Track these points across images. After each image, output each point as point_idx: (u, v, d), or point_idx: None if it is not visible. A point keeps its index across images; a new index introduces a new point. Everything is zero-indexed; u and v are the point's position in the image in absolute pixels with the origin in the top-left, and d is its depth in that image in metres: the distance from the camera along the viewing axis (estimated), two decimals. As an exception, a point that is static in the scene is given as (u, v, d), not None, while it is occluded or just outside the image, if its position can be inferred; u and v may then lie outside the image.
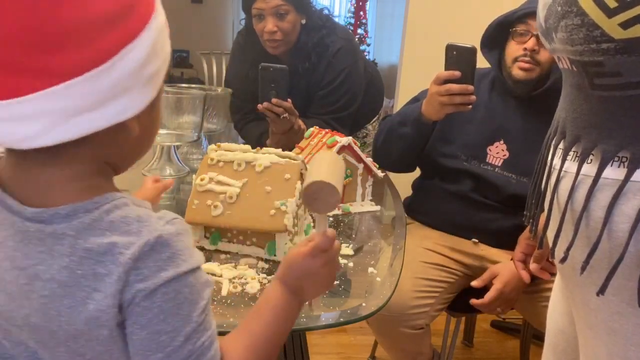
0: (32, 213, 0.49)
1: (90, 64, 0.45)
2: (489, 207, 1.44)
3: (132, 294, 0.48)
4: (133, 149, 0.56)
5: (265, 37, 1.62)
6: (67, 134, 0.47)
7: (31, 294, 0.49)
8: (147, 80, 0.50)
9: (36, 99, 0.44)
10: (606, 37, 0.56)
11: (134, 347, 0.50)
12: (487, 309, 1.36)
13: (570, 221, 0.67)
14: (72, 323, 0.49)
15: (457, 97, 1.28)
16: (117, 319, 0.49)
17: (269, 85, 1.45)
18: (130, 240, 0.48)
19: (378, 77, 2.02)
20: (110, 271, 0.48)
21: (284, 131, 1.53)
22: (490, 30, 1.43)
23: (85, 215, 0.49)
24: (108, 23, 0.46)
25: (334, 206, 0.61)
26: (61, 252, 0.48)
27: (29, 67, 0.44)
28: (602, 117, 0.61)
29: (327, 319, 0.82)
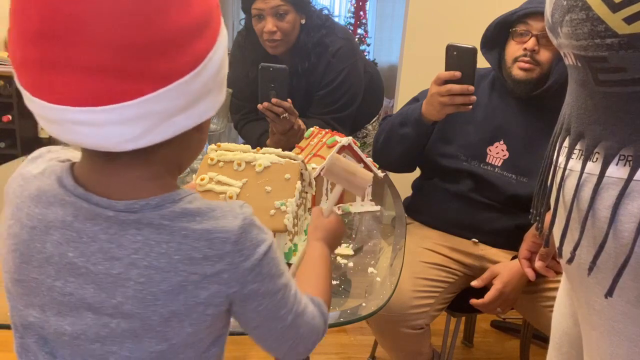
0: (124, 205, 0.52)
1: (187, 68, 0.49)
2: (489, 207, 1.44)
3: (241, 273, 0.54)
4: (196, 149, 0.60)
5: (264, 37, 1.62)
6: (162, 135, 0.51)
7: (127, 282, 0.52)
8: (221, 82, 0.55)
9: (142, 103, 0.47)
10: (610, 32, 0.56)
11: (261, 315, 0.58)
12: (487, 309, 1.36)
13: (576, 220, 0.66)
14: (168, 305, 0.53)
15: (457, 97, 1.28)
16: (216, 299, 0.55)
17: (268, 85, 1.45)
18: (222, 225, 0.54)
19: (378, 77, 2.02)
20: (207, 255, 0.53)
21: (283, 131, 1.53)
22: (490, 30, 1.43)
23: (173, 205, 0.53)
24: (199, 29, 0.50)
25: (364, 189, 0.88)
26: (158, 240, 0.52)
27: (137, 72, 0.47)
28: (605, 114, 0.61)
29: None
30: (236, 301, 0.57)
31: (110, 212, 0.52)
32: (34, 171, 0.57)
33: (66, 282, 0.54)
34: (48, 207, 0.54)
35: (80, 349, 0.55)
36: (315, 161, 1.30)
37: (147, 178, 0.54)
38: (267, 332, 0.60)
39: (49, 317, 0.56)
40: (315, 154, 1.33)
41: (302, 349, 0.65)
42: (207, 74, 0.52)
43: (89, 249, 0.53)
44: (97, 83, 0.46)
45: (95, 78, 0.46)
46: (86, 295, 0.54)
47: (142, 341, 0.55)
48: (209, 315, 0.56)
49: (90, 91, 0.46)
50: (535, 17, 1.33)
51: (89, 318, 0.54)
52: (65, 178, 0.54)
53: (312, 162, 1.30)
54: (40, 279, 0.55)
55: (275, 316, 0.59)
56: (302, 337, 0.63)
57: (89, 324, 0.54)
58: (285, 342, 0.62)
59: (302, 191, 1.05)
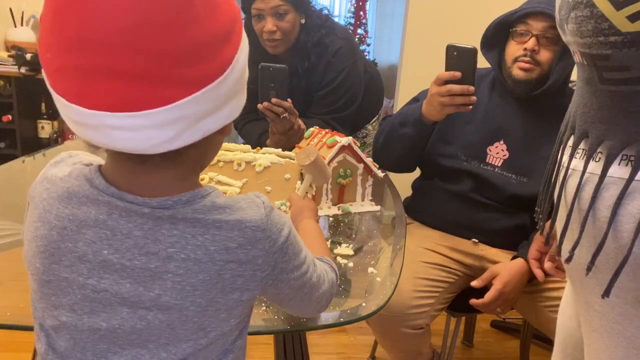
0: (157, 202, 0.55)
1: (217, 73, 0.52)
2: (489, 207, 1.44)
3: (272, 256, 0.60)
4: (218, 149, 0.65)
5: (264, 37, 1.62)
6: (192, 138, 0.54)
7: (165, 274, 0.55)
8: (243, 86, 0.59)
9: (175, 108, 0.50)
10: (614, 29, 0.55)
11: (293, 289, 0.65)
12: (487, 309, 1.36)
13: (577, 220, 0.66)
14: (206, 295, 0.56)
15: (458, 97, 1.28)
16: (251, 283, 0.59)
17: (268, 85, 1.45)
18: (250, 215, 0.58)
19: (378, 77, 2.01)
20: (241, 244, 0.57)
21: (284, 131, 1.53)
22: (490, 30, 1.43)
23: (203, 200, 0.57)
24: (225, 38, 0.53)
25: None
26: (193, 233, 0.55)
27: (172, 79, 0.49)
28: (609, 113, 0.60)
29: (327, 319, 0.82)
30: (269, 282, 0.61)
31: (145, 209, 0.55)
32: (59, 174, 0.59)
33: (100, 279, 0.56)
34: (79, 207, 0.56)
35: (117, 343, 0.57)
36: (315, 161, 1.30)
37: (175, 178, 0.57)
38: (300, 300, 0.67)
39: (81, 315, 0.57)
40: (315, 154, 1.33)
41: (326, 301, 0.73)
42: (233, 78, 0.55)
43: (124, 246, 0.55)
44: (134, 89, 0.48)
45: (133, 85, 0.48)
46: (122, 291, 0.56)
47: (178, 332, 0.57)
48: (243, 301, 0.59)
49: (128, 97, 0.48)
50: (535, 17, 1.33)
51: (125, 312, 0.56)
52: (96, 179, 0.57)
53: (312, 162, 1.29)
54: (71, 277, 0.56)
55: (304, 284, 0.66)
56: (325, 292, 0.71)
57: (125, 318, 0.56)
58: (313, 302, 0.70)
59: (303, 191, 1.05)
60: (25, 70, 2.69)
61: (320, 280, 0.70)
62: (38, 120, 2.93)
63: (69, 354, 0.59)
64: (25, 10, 2.90)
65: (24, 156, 1.55)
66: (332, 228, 1.21)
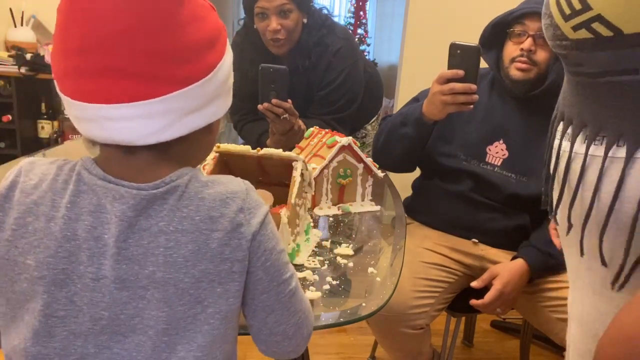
0: (150, 186, 0.59)
1: (203, 74, 0.60)
2: (489, 207, 1.44)
3: (254, 227, 0.61)
4: (206, 150, 0.69)
5: (268, 36, 1.61)
6: (180, 131, 0.60)
7: (156, 249, 0.58)
8: (228, 90, 0.66)
9: (165, 100, 0.57)
10: (564, 36, 0.69)
11: (269, 274, 0.63)
12: (486, 309, 1.36)
13: (568, 193, 0.77)
14: (197, 265, 0.58)
15: (460, 96, 1.27)
16: (239, 252, 0.60)
17: (269, 86, 1.45)
18: (231, 188, 0.62)
19: (377, 77, 2.01)
20: (223, 213, 0.60)
21: (284, 132, 1.53)
22: (488, 30, 1.43)
23: (187, 176, 0.61)
24: (211, 43, 0.61)
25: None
26: (179, 206, 0.59)
27: (163, 75, 0.57)
28: (578, 99, 0.74)
29: (327, 319, 0.82)
30: (255, 258, 0.62)
31: (141, 191, 0.58)
32: (46, 171, 0.61)
33: (100, 266, 0.57)
34: (78, 195, 0.59)
35: (120, 331, 0.58)
36: (315, 161, 1.30)
37: (164, 168, 0.61)
38: (275, 297, 0.65)
39: (82, 307, 0.57)
40: (315, 154, 1.33)
41: (306, 331, 0.70)
42: (217, 81, 0.62)
43: (119, 227, 0.57)
44: (128, 84, 0.55)
45: (127, 80, 0.55)
46: (120, 273, 0.57)
47: (176, 309, 0.58)
48: (235, 273, 0.61)
49: (122, 91, 0.56)
50: (531, 18, 1.33)
51: (125, 296, 0.58)
52: (93, 169, 0.60)
53: (312, 162, 1.30)
54: (70, 268, 0.57)
55: (282, 277, 0.65)
56: (305, 312, 0.69)
57: (126, 302, 0.58)
58: (292, 315, 0.67)
59: (302, 191, 1.05)
60: (25, 70, 2.68)
61: (302, 295, 0.69)
62: (38, 120, 2.92)
63: (67, 350, 0.58)
64: (25, 10, 2.89)
65: (24, 156, 1.55)
66: (332, 228, 1.21)
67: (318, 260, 1.00)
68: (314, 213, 1.26)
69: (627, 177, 0.66)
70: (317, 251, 1.05)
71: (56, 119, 2.93)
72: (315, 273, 0.95)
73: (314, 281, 0.92)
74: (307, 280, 0.92)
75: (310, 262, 1.00)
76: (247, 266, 0.62)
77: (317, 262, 1.00)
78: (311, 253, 1.04)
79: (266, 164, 1.09)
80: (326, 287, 0.91)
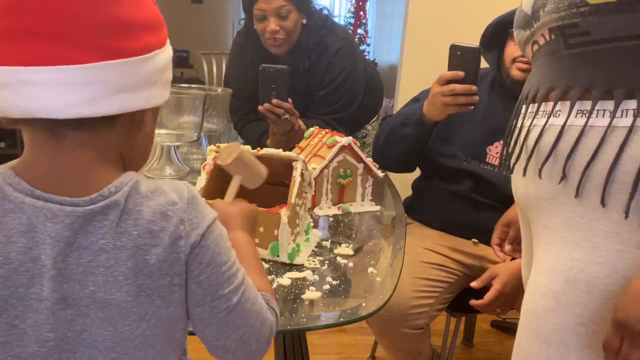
0: (88, 200, 0.55)
1: (137, 52, 0.56)
2: (489, 207, 1.44)
3: (193, 239, 0.58)
4: (140, 147, 0.64)
5: (267, 37, 1.62)
6: (107, 108, 0.55)
7: (96, 269, 0.55)
8: (165, 82, 0.62)
9: (88, 69, 0.52)
10: (583, 2, 0.74)
11: (203, 287, 0.59)
12: (486, 309, 1.36)
13: (534, 162, 0.82)
14: (136, 280, 0.55)
15: (460, 97, 1.28)
16: (177, 267, 0.57)
17: (269, 86, 1.45)
18: (172, 199, 0.57)
19: (377, 77, 2.02)
20: (164, 227, 0.56)
21: (284, 132, 1.53)
22: (489, 30, 1.43)
23: (127, 186, 0.57)
24: (150, 27, 0.58)
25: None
26: (117, 221, 0.55)
27: (89, 42, 0.53)
28: (571, 69, 0.78)
29: (327, 319, 0.83)
30: (188, 271, 0.58)
31: (75, 208, 0.54)
32: None
33: (42, 287, 0.54)
34: (5, 215, 0.54)
35: (69, 347, 0.56)
36: (315, 161, 1.30)
37: (97, 161, 0.57)
38: (210, 312, 0.60)
39: (25, 329, 0.55)
40: (315, 154, 1.33)
41: (254, 345, 0.63)
42: (153, 66, 0.58)
43: (55, 249, 0.53)
44: (52, 47, 0.51)
45: (51, 43, 0.51)
46: (62, 294, 0.54)
47: (122, 330, 0.56)
48: (175, 285, 0.58)
49: (44, 54, 0.51)
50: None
51: (69, 313, 0.55)
52: (17, 183, 0.54)
53: (312, 162, 1.30)
54: (7, 293, 0.54)
55: (218, 292, 0.60)
56: (253, 328, 0.62)
57: (71, 319, 0.55)
58: (233, 331, 0.61)
59: (302, 191, 1.05)
60: (25, 70, 2.68)
61: (249, 309, 0.62)
62: (38, 120, 2.92)
63: None
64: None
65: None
66: (332, 228, 1.21)
67: (318, 260, 1.00)
68: (314, 213, 1.26)
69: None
70: (317, 251, 1.05)
71: (56, 118, 2.92)
72: (315, 273, 0.95)
73: (314, 281, 0.92)
74: (307, 281, 0.92)
75: (310, 262, 1.00)
76: (189, 278, 0.59)
77: (317, 262, 1.00)
78: (311, 253, 1.04)
79: (266, 163, 1.09)
80: (326, 287, 0.91)
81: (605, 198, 0.72)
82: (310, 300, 0.86)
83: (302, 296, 0.87)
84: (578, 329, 0.75)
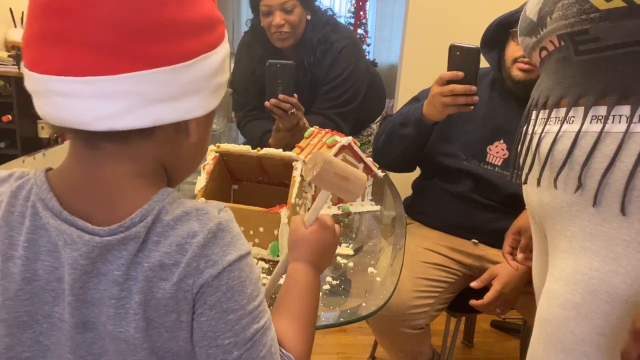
0: (105, 231, 0.51)
1: (176, 59, 0.51)
2: (489, 207, 1.44)
3: (204, 279, 0.52)
4: (186, 157, 0.59)
5: (273, 31, 1.69)
6: (141, 120, 0.51)
7: (108, 300, 0.52)
8: (214, 89, 0.56)
9: (122, 80, 0.49)
10: (593, 9, 0.72)
11: (202, 330, 0.53)
12: (486, 309, 1.36)
13: (549, 170, 0.79)
14: (144, 314, 0.51)
15: (460, 97, 1.28)
16: (184, 305, 0.52)
17: (276, 82, 1.49)
18: (194, 229, 0.52)
19: (379, 77, 2.10)
20: (177, 261, 0.51)
21: (290, 127, 1.58)
22: (490, 30, 1.43)
23: (152, 214, 0.52)
24: (195, 30, 0.52)
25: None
26: (134, 251, 0.51)
27: (128, 50, 0.48)
28: (583, 76, 0.76)
29: (327, 319, 0.82)
30: (195, 307, 0.53)
31: (94, 237, 0.51)
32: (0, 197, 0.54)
33: (65, 307, 0.53)
34: (35, 231, 0.52)
35: None
36: (315, 161, 1.30)
37: (132, 174, 0.54)
38: (206, 358, 0.54)
39: (49, 345, 0.54)
40: (315, 154, 1.32)
41: None
42: (198, 73, 0.53)
43: (72, 276, 0.52)
44: (82, 55, 0.48)
45: (82, 50, 0.48)
46: (81, 318, 0.53)
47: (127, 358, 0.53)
48: (183, 322, 0.53)
49: (74, 62, 0.48)
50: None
51: (90, 336, 0.54)
52: (48, 200, 0.53)
53: (312, 162, 1.29)
54: (34, 309, 0.53)
55: (217, 340, 0.53)
56: None
57: (90, 342, 0.54)
58: None
59: (302, 191, 1.05)
60: (25, 70, 2.69)
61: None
62: (38, 120, 2.92)
63: None
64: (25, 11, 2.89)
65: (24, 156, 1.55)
66: (332, 228, 1.21)
67: (318, 260, 1.00)
68: (314, 213, 1.26)
69: None
70: (317, 251, 1.05)
71: (56, 118, 2.93)
72: (315, 273, 0.95)
73: (314, 281, 0.92)
74: (307, 280, 0.92)
75: (310, 262, 0.99)
76: (195, 316, 0.54)
77: (317, 262, 1.00)
78: (311, 253, 1.04)
79: (266, 164, 1.09)
80: (326, 287, 0.91)
81: (625, 206, 0.69)
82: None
83: (302, 296, 0.87)
84: (598, 340, 0.73)
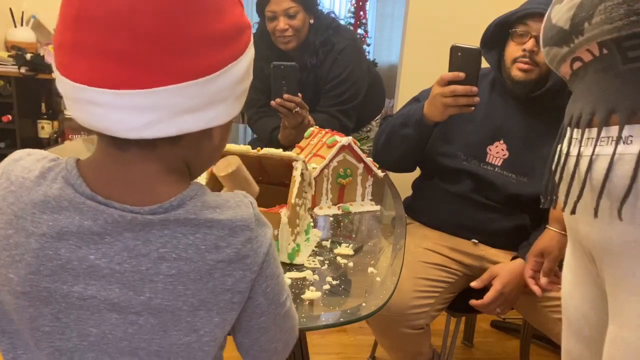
0: (148, 210, 0.54)
1: (205, 71, 0.53)
2: (489, 207, 1.44)
3: (261, 259, 0.59)
4: (208, 157, 0.63)
5: (277, 35, 1.78)
6: (166, 131, 0.53)
7: (156, 276, 0.54)
8: (238, 96, 0.59)
9: (151, 94, 0.51)
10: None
11: (267, 299, 0.62)
12: (486, 309, 1.36)
13: (607, 203, 0.72)
14: (197, 294, 0.56)
15: (461, 98, 1.28)
16: (242, 284, 0.58)
17: (280, 82, 1.56)
18: (240, 214, 0.58)
19: (380, 77, 2.16)
20: (231, 243, 0.57)
21: (296, 125, 1.65)
22: (490, 30, 1.43)
23: (192, 200, 0.56)
24: (224, 41, 0.54)
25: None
26: (184, 232, 0.55)
27: (160, 64, 0.50)
28: (634, 87, 0.68)
29: (327, 319, 0.82)
30: (257, 286, 0.60)
31: (136, 214, 0.53)
32: (25, 174, 0.55)
33: (87, 286, 0.54)
34: (60, 212, 0.53)
35: (108, 349, 0.56)
36: (315, 161, 1.30)
37: (162, 172, 0.56)
38: (273, 319, 0.64)
39: (68, 323, 0.55)
40: (315, 154, 1.33)
41: (291, 345, 0.70)
42: (225, 82, 0.55)
43: (112, 249, 0.53)
44: (114, 68, 0.50)
45: (114, 63, 0.50)
46: (111, 296, 0.54)
47: (171, 334, 0.56)
48: (235, 303, 0.59)
49: (107, 74, 0.50)
50: (534, 18, 1.33)
51: (114, 318, 0.55)
52: (79, 185, 0.54)
53: (312, 162, 1.30)
54: (53, 287, 0.54)
55: (279, 300, 0.64)
56: (294, 329, 0.69)
57: (115, 324, 0.55)
58: (283, 333, 0.67)
59: (302, 191, 1.05)
60: (25, 70, 2.68)
61: (292, 312, 0.68)
62: (38, 120, 2.92)
63: None
64: (25, 10, 2.89)
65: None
66: (332, 228, 1.21)
67: (318, 260, 1.00)
68: (314, 213, 1.26)
69: None
70: (317, 251, 1.05)
71: (56, 119, 2.93)
72: (315, 273, 0.95)
73: (314, 281, 0.92)
74: (307, 280, 0.92)
75: (310, 262, 1.00)
76: (249, 294, 0.60)
77: (317, 262, 1.00)
78: (311, 253, 1.04)
79: (266, 163, 1.09)
80: (326, 287, 0.91)
81: None
82: (310, 300, 0.86)
83: (302, 296, 0.87)
84: None
